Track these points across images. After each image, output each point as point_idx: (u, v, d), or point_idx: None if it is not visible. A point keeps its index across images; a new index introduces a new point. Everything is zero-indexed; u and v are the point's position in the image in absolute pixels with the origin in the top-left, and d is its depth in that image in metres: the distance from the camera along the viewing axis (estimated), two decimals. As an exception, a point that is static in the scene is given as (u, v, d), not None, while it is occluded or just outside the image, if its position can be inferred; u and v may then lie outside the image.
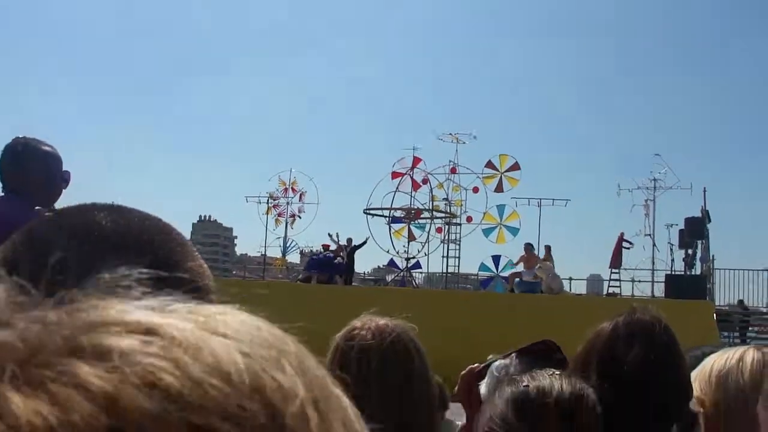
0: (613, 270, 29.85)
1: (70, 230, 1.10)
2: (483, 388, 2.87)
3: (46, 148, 4.59)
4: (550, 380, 2.10)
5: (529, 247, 28.91)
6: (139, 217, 1.18)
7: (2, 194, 4.53)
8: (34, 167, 4.48)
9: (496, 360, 2.87)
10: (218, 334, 0.52)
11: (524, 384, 2.08)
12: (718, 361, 2.82)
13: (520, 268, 28.67)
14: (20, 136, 4.60)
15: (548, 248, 29.01)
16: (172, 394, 0.47)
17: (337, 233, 30.92)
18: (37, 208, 4.11)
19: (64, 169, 4.64)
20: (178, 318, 0.53)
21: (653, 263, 29.75)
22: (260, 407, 0.49)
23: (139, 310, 0.52)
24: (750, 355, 2.83)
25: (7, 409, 0.44)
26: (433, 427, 2.56)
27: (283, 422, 0.50)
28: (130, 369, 0.47)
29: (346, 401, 0.57)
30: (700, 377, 2.73)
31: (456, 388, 3.11)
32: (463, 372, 3.02)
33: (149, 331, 0.50)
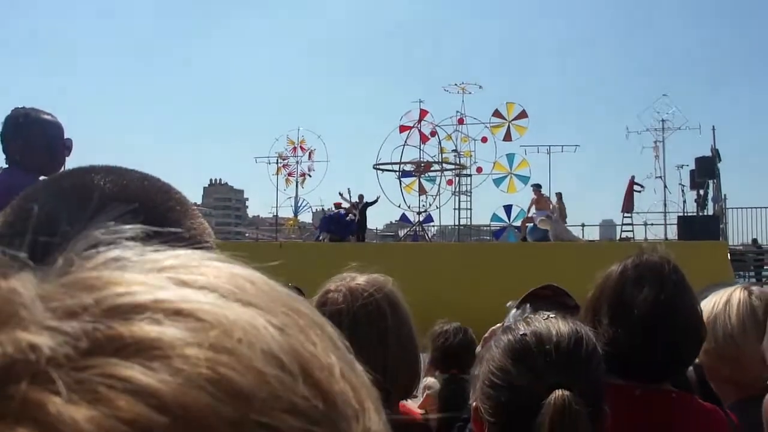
0: (625, 214, 29.84)
1: (67, 193, 1.09)
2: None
3: (47, 117, 4.58)
4: (547, 325, 2.02)
5: (537, 188, 28.88)
6: (138, 177, 1.17)
7: (5, 165, 4.54)
8: (35, 137, 4.47)
9: (513, 306, 2.85)
10: (243, 303, 0.49)
11: (521, 332, 2.01)
12: (706, 307, 2.79)
13: (532, 211, 28.61)
14: (20, 106, 4.60)
15: (559, 195, 28.97)
16: (241, 393, 0.44)
17: (348, 190, 30.89)
18: (41, 177, 4.10)
19: (65, 136, 4.64)
20: (192, 287, 0.49)
21: (665, 205, 29.76)
22: (315, 393, 0.48)
23: (152, 280, 0.49)
24: (736, 297, 2.80)
25: (67, 424, 0.40)
26: (412, 389, 2.52)
27: (335, 402, 0.49)
28: (187, 366, 0.44)
29: (358, 364, 0.54)
30: None
31: (479, 348, 3.10)
32: (486, 335, 3.00)
33: (179, 312, 0.47)
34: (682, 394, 2.53)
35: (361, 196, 30.54)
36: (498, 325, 2.91)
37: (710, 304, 2.84)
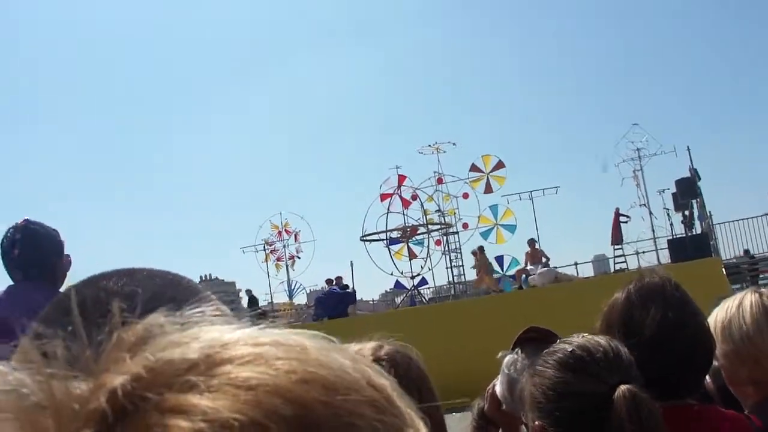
0: (616, 246, 29.88)
1: (84, 303, 1.09)
2: (498, 387, 2.90)
3: (56, 233, 4.62)
4: (586, 339, 2.27)
5: (532, 242, 29.09)
6: (148, 274, 1.21)
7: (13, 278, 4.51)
8: (50, 251, 4.50)
9: (506, 356, 2.92)
10: (308, 340, 0.64)
11: (569, 349, 2.22)
12: (719, 312, 2.88)
13: (528, 264, 28.78)
14: (28, 218, 4.62)
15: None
16: (328, 383, 0.59)
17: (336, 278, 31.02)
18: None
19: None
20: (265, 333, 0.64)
21: (653, 231, 29.79)
22: (378, 394, 0.63)
23: (237, 332, 0.63)
24: (748, 299, 2.87)
25: (199, 408, 0.54)
26: None
27: (394, 402, 0.64)
28: (286, 368, 0.59)
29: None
30: None
31: (486, 406, 3.13)
32: (488, 391, 3.05)
33: (264, 342, 0.62)
34: (703, 407, 2.60)
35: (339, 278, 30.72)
36: (495, 380, 2.97)
37: (723, 309, 2.91)
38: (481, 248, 31.19)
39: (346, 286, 30.11)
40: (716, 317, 2.89)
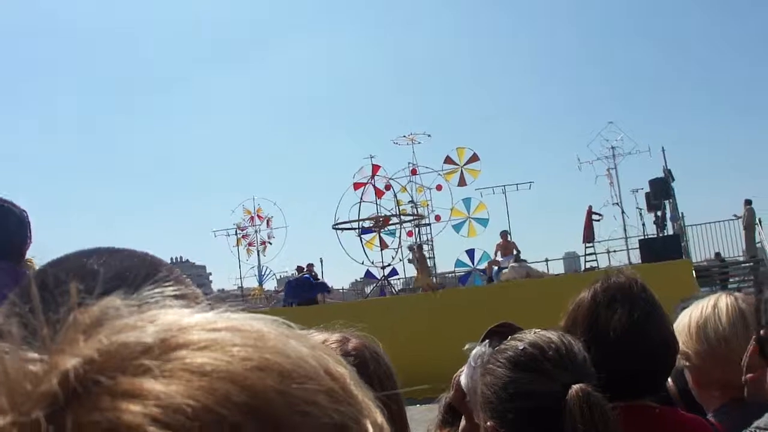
0: (587, 244, 29.98)
1: (45, 283, 1.09)
2: (463, 379, 2.86)
3: (25, 214, 4.54)
4: (539, 336, 2.20)
5: (504, 234, 29.22)
6: (127, 255, 1.22)
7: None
8: (18, 233, 4.42)
9: (473, 348, 2.87)
10: (268, 326, 0.64)
11: (520, 347, 2.16)
12: (694, 312, 2.89)
13: (498, 256, 28.81)
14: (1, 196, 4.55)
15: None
16: (284, 371, 0.59)
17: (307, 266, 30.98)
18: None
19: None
20: (222, 316, 0.64)
21: (625, 231, 29.97)
22: (336, 383, 0.63)
23: (192, 314, 0.63)
24: (723, 301, 2.89)
25: (152, 393, 0.54)
26: None
27: (352, 393, 0.64)
28: (242, 354, 0.59)
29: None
30: (680, 331, 2.78)
31: (451, 395, 3.10)
32: (454, 380, 3.01)
33: (220, 328, 0.61)
34: (664, 408, 2.58)
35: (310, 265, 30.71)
36: (460, 370, 2.92)
37: (698, 310, 2.91)
38: (420, 246, 31.40)
39: (316, 276, 30.10)
40: (690, 317, 2.90)
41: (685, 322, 2.88)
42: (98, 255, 1.21)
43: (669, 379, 2.81)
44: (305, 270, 30.56)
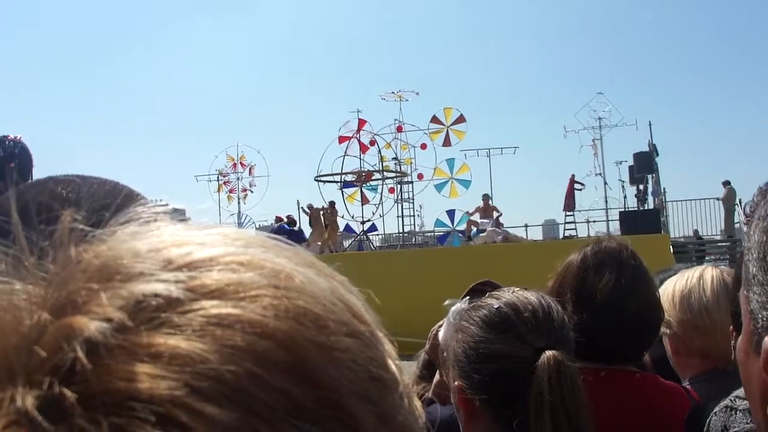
0: (568, 213, 30.07)
1: (34, 205, 1.05)
2: (441, 334, 2.86)
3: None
4: (516, 296, 2.11)
5: (486, 197, 29.14)
6: (97, 182, 1.20)
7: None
8: (30, 173, 4.50)
9: (453, 304, 2.87)
10: (278, 255, 0.59)
11: (495, 306, 2.08)
12: (679, 282, 2.93)
13: (477, 217, 28.81)
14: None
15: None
16: (319, 319, 0.55)
17: (297, 202, 30.95)
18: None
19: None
20: (236, 245, 0.58)
21: (606, 202, 30.07)
22: (360, 321, 0.59)
23: (202, 239, 0.58)
24: (709, 273, 2.92)
25: (184, 354, 0.49)
26: None
27: (373, 329, 0.61)
28: (273, 301, 0.54)
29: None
30: (663, 300, 2.82)
31: (427, 348, 3.11)
32: (431, 333, 3.01)
33: (242, 263, 0.56)
34: (645, 374, 2.62)
35: (332, 203, 30.67)
36: (438, 323, 2.92)
37: (683, 279, 2.95)
38: (332, 203, 31.57)
39: (294, 222, 30.08)
40: (675, 286, 2.94)
41: (669, 291, 2.92)
42: (68, 183, 1.18)
43: None
44: (285, 220, 30.52)
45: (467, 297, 2.80)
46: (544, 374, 1.91)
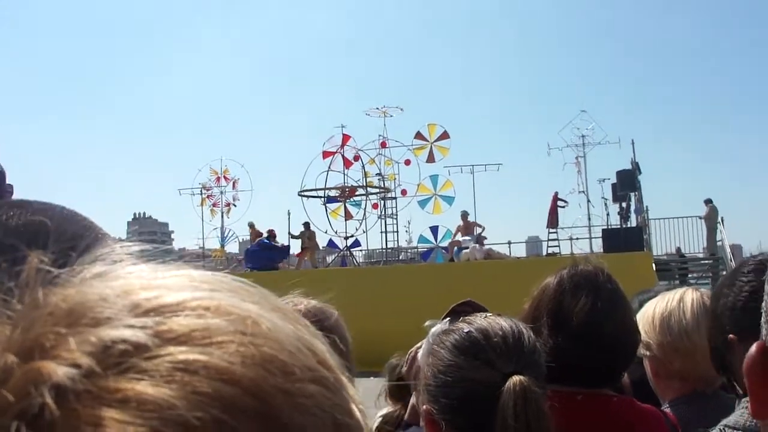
0: (551, 230, 30.09)
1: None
2: (420, 356, 2.85)
3: None
4: (488, 321, 2.11)
5: (465, 215, 29.05)
6: (40, 208, 1.15)
7: None
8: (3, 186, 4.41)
9: (433, 325, 2.86)
10: (244, 299, 0.59)
11: (466, 330, 2.08)
12: (659, 304, 2.94)
13: (458, 236, 28.84)
14: None
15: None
16: (285, 367, 0.55)
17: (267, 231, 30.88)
18: None
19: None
20: (202, 289, 0.58)
21: (589, 219, 30.09)
22: (324, 367, 0.59)
23: (168, 283, 0.58)
24: (689, 295, 2.93)
25: (150, 400, 0.49)
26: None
27: (337, 375, 0.60)
28: (240, 348, 0.53)
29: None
30: (643, 322, 2.82)
31: (404, 369, 3.10)
32: (409, 354, 3.00)
33: (208, 308, 0.56)
34: (621, 398, 2.61)
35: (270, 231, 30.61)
36: (417, 345, 2.92)
37: (663, 302, 2.95)
38: (306, 224, 31.82)
39: (275, 236, 29.93)
40: (655, 309, 2.95)
41: (649, 313, 2.93)
42: (11, 208, 1.13)
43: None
44: (265, 235, 30.40)
45: (447, 318, 2.80)
46: (510, 400, 1.90)
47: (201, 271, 0.61)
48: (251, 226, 31.94)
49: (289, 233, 31.30)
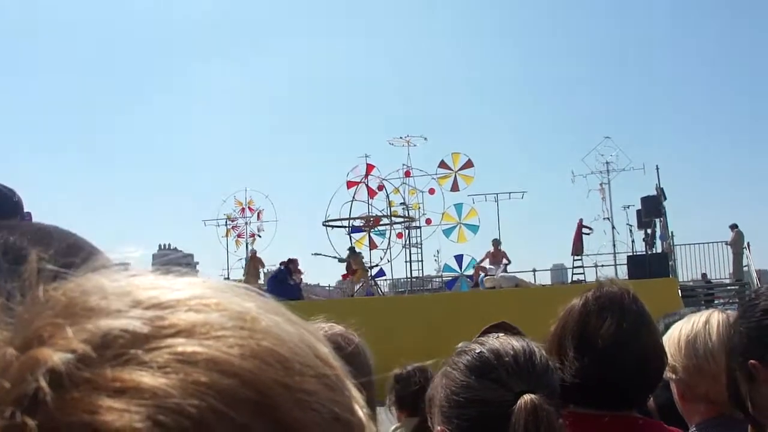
0: (576, 257, 29.97)
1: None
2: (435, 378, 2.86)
3: (11, 192, 4.53)
4: (500, 342, 2.13)
5: (496, 242, 29.00)
6: (36, 228, 1.18)
7: None
8: (2, 212, 4.42)
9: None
10: (244, 299, 0.60)
11: (477, 351, 2.10)
12: (685, 326, 2.91)
13: (486, 262, 28.74)
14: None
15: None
16: (285, 360, 0.56)
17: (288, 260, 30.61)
18: None
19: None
20: (203, 288, 0.60)
21: (614, 246, 29.97)
22: (325, 365, 0.60)
23: (166, 283, 0.59)
24: (715, 318, 2.90)
25: (147, 388, 0.50)
26: None
27: (338, 373, 0.62)
28: (239, 341, 0.55)
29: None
30: (669, 344, 2.79)
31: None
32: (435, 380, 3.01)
33: (208, 305, 0.57)
34: (648, 421, 2.61)
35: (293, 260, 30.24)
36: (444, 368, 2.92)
37: (689, 324, 2.93)
38: (351, 248, 31.95)
39: (293, 271, 29.29)
40: (681, 331, 2.92)
41: (675, 336, 2.91)
42: (15, 229, 1.16)
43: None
44: (285, 264, 30.04)
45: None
46: (521, 418, 1.92)
47: (203, 278, 0.63)
48: (252, 254, 31.92)
49: (338, 257, 31.34)
